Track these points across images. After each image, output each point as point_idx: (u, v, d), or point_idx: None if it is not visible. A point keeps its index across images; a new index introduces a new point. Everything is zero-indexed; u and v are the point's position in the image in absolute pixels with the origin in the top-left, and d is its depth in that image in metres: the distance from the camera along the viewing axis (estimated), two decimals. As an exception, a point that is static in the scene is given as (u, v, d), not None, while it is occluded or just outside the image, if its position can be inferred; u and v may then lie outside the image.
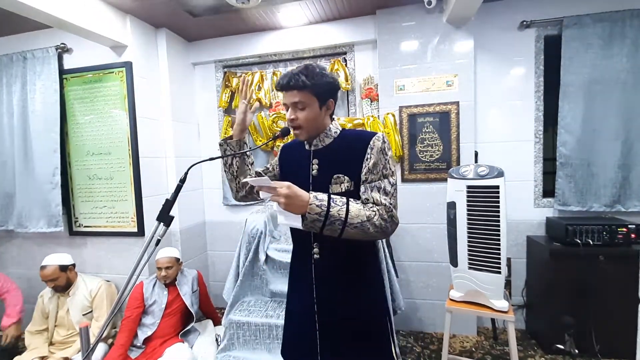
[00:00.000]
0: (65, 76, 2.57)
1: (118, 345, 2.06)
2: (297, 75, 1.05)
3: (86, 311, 2.29)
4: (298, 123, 1.11)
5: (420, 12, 2.43)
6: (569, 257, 2.14)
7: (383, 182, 1.05)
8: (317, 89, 1.07)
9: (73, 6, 2.03)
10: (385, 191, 1.04)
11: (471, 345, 2.42)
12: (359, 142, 1.08)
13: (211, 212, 3.14)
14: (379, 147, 1.06)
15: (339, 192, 1.08)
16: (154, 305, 2.22)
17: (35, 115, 2.54)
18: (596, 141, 2.32)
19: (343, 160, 1.10)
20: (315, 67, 1.08)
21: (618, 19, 2.24)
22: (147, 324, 2.20)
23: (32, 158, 2.56)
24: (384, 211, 1.01)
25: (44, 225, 2.56)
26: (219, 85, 3.00)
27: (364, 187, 1.06)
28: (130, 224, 2.52)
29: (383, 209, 1.01)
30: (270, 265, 2.35)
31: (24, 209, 2.60)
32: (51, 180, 2.51)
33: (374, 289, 1.18)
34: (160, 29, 2.67)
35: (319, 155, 1.15)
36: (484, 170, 1.73)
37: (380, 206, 1.02)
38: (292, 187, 0.96)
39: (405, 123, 2.51)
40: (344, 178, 1.08)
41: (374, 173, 1.05)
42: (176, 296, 2.29)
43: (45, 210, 2.53)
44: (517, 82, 2.50)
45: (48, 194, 2.52)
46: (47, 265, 2.20)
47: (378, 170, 1.05)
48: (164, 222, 1.03)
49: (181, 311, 2.30)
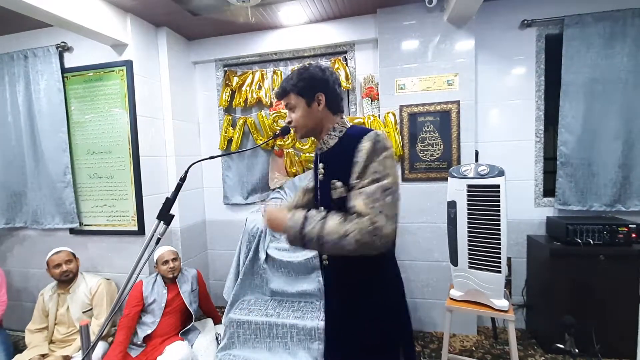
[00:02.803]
0: (65, 75, 2.57)
1: (117, 343, 2.07)
2: (285, 81, 1.10)
3: (86, 309, 2.29)
4: (293, 124, 1.12)
5: (421, 11, 2.42)
6: (569, 256, 2.14)
7: (371, 187, 0.93)
8: (297, 88, 1.07)
9: (74, 5, 2.03)
10: (373, 198, 0.91)
11: (471, 344, 2.42)
12: (352, 143, 1.00)
13: (211, 211, 3.14)
14: (368, 149, 0.95)
15: (338, 197, 1.02)
16: (154, 304, 2.22)
17: (42, 115, 2.57)
18: (597, 140, 2.32)
19: (339, 163, 1.03)
20: (302, 67, 1.09)
21: (619, 18, 2.23)
22: (147, 322, 2.20)
23: (43, 157, 2.59)
24: (367, 223, 0.88)
25: (59, 221, 2.61)
26: (219, 84, 3.00)
27: (352, 194, 0.97)
28: (131, 223, 2.53)
29: (367, 220, 0.89)
30: (271, 264, 2.35)
31: (39, 207, 2.65)
32: (63, 179, 2.56)
33: (384, 303, 1.06)
34: (161, 28, 2.67)
35: (325, 158, 1.12)
36: (484, 170, 1.73)
37: (363, 217, 0.90)
38: (270, 211, 1.00)
39: (406, 122, 2.51)
40: (337, 184, 1.03)
41: (363, 177, 0.95)
42: (176, 294, 2.29)
43: (61, 208, 2.59)
44: (518, 81, 2.50)
45: (62, 192, 2.56)
46: (62, 249, 2.29)
47: (368, 174, 0.95)
48: (165, 221, 1.03)
49: (181, 310, 2.30)
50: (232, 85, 2.93)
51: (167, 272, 2.25)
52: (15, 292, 2.82)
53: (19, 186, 2.71)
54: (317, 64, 1.11)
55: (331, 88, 1.09)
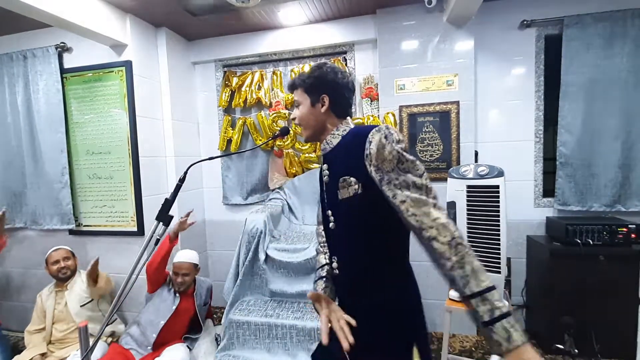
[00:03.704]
0: (65, 75, 2.57)
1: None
2: (298, 75, 1.10)
3: (84, 302, 2.28)
4: (295, 121, 1.12)
5: (420, 12, 2.42)
6: (569, 257, 2.13)
7: (407, 176, 0.87)
8: (305, 85, 1.07)
9: (73, 5, 2.03)
10: (416, 185, 0.86)
11: (471, 344, 2.42)
12: (360, 137, 0.95)
13: (211, 212, 3.14)
14: (378, 140, 0.90)
15: (348, 197, 0.98)
16: (163, 303, 2.16)
17: (40, 115, 2.57)
18: (596, 141, 2.32)
19: (347, 160, 0.99)
20: (316, 65, 1.09)
21: (619, 19, 2.23)
22: (153, 321, 2.12)
23: (41, 158, 2.59)
24: (445, 218, 0.82)
25: (57, 222, 2.61)
26: (219, 85, 3.00)
27: (389, 190, 0.88)
28: (130, 223, 2.52)
29: (443, 219, 0.82)
30: (270, 265, 2.35)
31: (38, 207, 2.66)
32: (60, 179, 2.56)
33: (397, 314, 1.01)
34: (160, 28, 2.67)
35: (328, 159, 1.09)
36: (484, 170, 1.73)
37: (438, 216, 0.82)
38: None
39: (406, 122, 2.51)
40: (350, 180, 0.97)
41: (389, 170, 0.89)
42: (189, 305, 2.22)
43: (58, 209, 2.59)
44: (518, 81, 2.50)
45: (59, 193, 2.56)
46: (60, 247, 2.32)
47: (392, 165, 0.88)
48: (164, 222, 1.03)
49: (189, 319, 2.25)
50: (232, 86, 2.93)
51: (176, 284, 2.18)
52: (15, 292, 2.82)
53: (19, 186, 2.71)
54: (332, 65, 1.08)
55: (339, 92, 1.06)
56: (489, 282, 0.76)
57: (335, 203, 1.03)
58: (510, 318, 0.72)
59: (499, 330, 0.72)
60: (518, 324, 0.72)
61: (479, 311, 0.74)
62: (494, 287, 0.76)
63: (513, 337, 0.70)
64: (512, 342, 0.70)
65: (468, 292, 0.76)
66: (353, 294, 1.06)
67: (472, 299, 0.75)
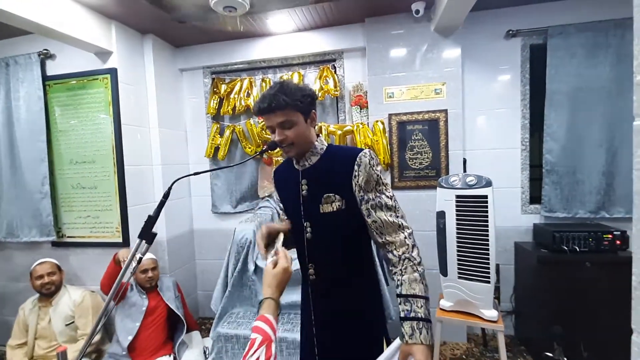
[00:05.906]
0: (48, 82, 2.50)
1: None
2: (276, 95, 1.00)
3: (69, 321, 2.21)
4: (289, 141, 1.06)
5: (408, 21, 2.44)
6: (556, 263, 2.16)
7: (381, 198, 1.05)
8: (298, 103, 1.04)
9: (55, 13, 1.98)
10: (387, 206, 1.06)
11: (462, 352, 2.42)
12: (346, 159, 1.06)
13: (199, 220, 3.09)
14: (367, 163, 1.04)
15: (330, 212, 1.07)
16: (134, 307, 2.15)
17: (20, 123, 2.49)
18: (581, 148, 2.36)
19: (332, 178, 1.08)
20: (290, 83, 1.06)
21: (602, 29, 2.28)
22: (127, 327, 2.11)
23: (20, 167, 2.51)
24: (403, 236, 1.05)
25: (36, 234, 2.51)
26: (207, 92, 2.96)
27: (366, 209, 1.06)
28: (115, 234, 2.46)
29: (402, 237, 1.05)
30: (260, 276, 2.31)
31: (15, 218, 2.55)
32: (40, 189, 2.46)
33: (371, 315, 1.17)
34: (147, 35, 2.63)
35: (307, 174, 1.13)
36: (472, 180, 1.73)
37: (398, 234, 1.05)
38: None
39: (395, 130, 2.52)
40: (334, 197, 1.07)
41: (369, 191, 1.05)
42: (158, 302, 2.23)
43: (37, 220, 2.49)
44: (504, 90, 2.53)
45: (39, 204, 2.47)
46: (45, 260, 2.23)
47: (371, 187, 1.05)
48: (146, 240, 1.00)
49: (164, 320, 2.23)
50: (220, 93, 2.90)
51: (145, 281, 2.20)
52: (-5, 306, 2.72)
53: None
54: (295, 82, 1.15)
55: (316, 106, 1.14)
56: (418, 292, 0.99)
57: (315, 216, 1.11)
58: (422, 323, 0.95)
59: (406, 326, 0.96)
60: (429, 331, 0.95)
61: (400, 308, 1.00)
62: (423, 297, 0.99)
63: (415, 336, 0.94)
64: (412, 339, 0.94)
65: (398, 292, 1.02)
66: (328, 297, 1.16)
67: (399, 297, 1.01)
